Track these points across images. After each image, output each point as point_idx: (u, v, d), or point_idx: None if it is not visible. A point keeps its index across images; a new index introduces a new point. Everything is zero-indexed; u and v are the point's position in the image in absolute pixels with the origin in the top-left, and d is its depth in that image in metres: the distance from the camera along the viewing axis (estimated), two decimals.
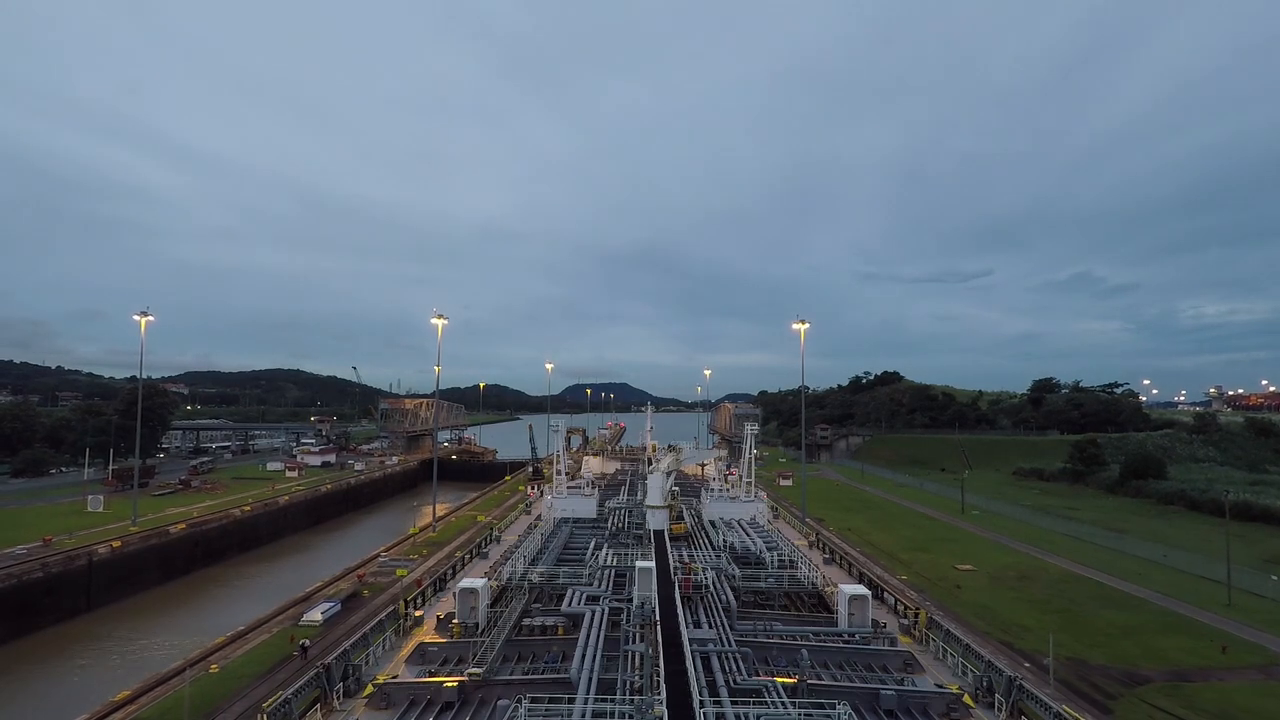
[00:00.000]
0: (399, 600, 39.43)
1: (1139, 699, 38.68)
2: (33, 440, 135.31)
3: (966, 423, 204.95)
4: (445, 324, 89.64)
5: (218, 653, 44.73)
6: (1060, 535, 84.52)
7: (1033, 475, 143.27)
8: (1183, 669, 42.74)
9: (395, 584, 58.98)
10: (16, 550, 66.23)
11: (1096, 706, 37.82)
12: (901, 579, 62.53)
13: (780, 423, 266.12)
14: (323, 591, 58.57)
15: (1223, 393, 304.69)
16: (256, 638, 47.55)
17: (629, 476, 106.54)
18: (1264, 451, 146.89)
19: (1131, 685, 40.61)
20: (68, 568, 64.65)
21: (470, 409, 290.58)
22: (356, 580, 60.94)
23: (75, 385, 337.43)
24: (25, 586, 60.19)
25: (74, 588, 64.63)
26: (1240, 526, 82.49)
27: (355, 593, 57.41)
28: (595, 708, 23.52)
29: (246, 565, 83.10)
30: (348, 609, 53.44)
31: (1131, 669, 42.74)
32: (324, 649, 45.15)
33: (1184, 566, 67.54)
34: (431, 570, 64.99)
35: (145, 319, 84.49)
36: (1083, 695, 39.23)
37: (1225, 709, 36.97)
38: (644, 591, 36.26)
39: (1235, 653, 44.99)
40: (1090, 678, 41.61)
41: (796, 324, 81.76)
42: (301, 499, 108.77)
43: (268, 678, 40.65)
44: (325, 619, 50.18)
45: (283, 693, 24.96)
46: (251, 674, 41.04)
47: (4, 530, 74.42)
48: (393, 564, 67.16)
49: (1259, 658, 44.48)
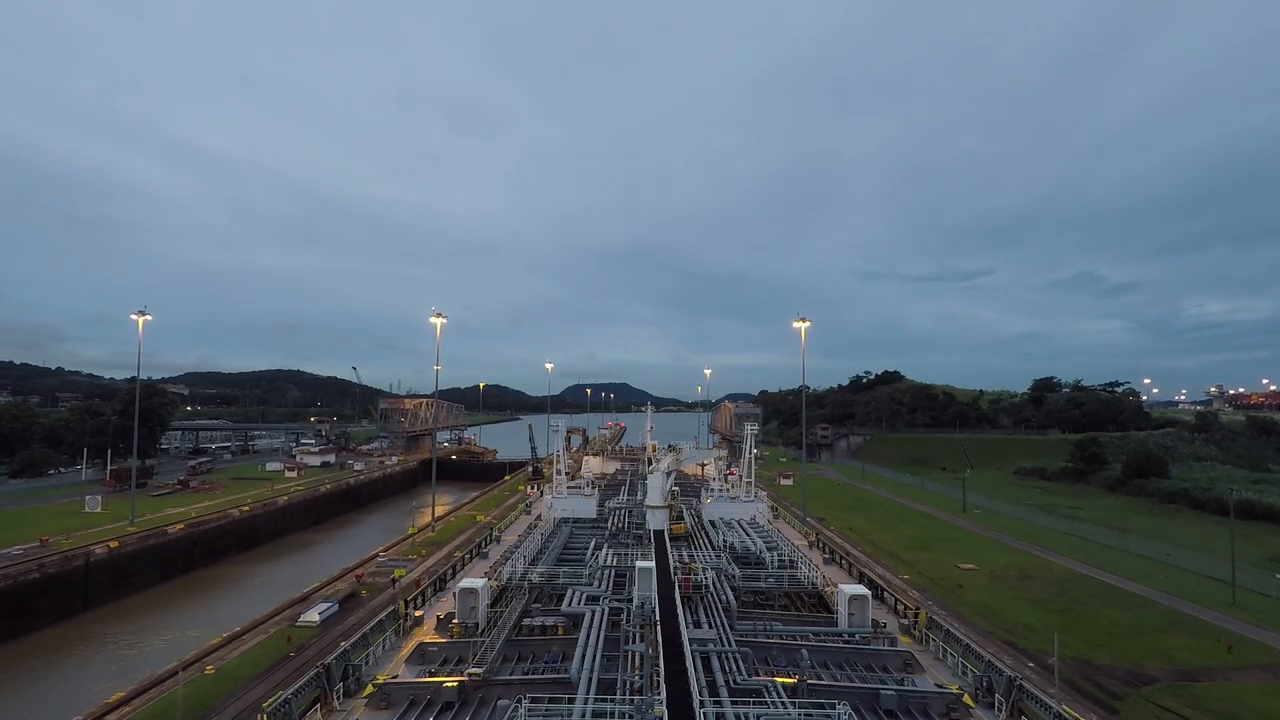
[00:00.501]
0: (399, 600, 39.11)
1: (1145, 699, 38.25)
2: (31, 441, 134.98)
3: (967, 422, 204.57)
4: (444, 322, 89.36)
5: (213, 654, 44.32)
6: (1062, 534, 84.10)
7: (1034, 474, 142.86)
8: (1188, 668, 42.31)
9: (393, 584, 58.56)
10: (13, 551, 65.82)
11: (1102, 706, 37.41)
12: (904, 578, 62.13)
13: (781, 422, 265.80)
14: (320, 592, 58.17)
15: (1223, 392, 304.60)
16: (253, 639, 47.14)
17: (629, 476, 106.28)
18: (1266, 450, 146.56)
19: (1137, 685, 40.19)
20: (64, 568, 64.24)
21: (470, 409, 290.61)
22: (354, 581, 60.55)
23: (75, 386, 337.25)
24: (21, 588, 59.76)
25: (70, 589, 64.19)
26: (1243, 525, 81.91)
27: (353, 593, 57.02)
28: (595, 708, 23.48)
29: (245, 565, 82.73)
30: (345, 609, 53.05)
31: (1136, 668, 42.32)
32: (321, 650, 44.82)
33: (1187, 565, 67.13)
34: (430, 570, 64.60)
35: (143, 318, 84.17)
36: (1088, 695, 38.81)
37: (1232, 709, 36.55)
38: (644, 591, 36.18)
39: (1241, 652, 44.56)
40: (1095, 677, 41.19)
41: (797, 322, 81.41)
42: (300, 499, 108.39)
43: (264, 679, 40.25)
44: (323, 620, 49.78)
45: (282, 693, 24.83)
46: (247, 675, 40.64)
47: (2, 530, 74.03)
48: (391, 564, 66.75)
49: (1265, 657, 44.04)
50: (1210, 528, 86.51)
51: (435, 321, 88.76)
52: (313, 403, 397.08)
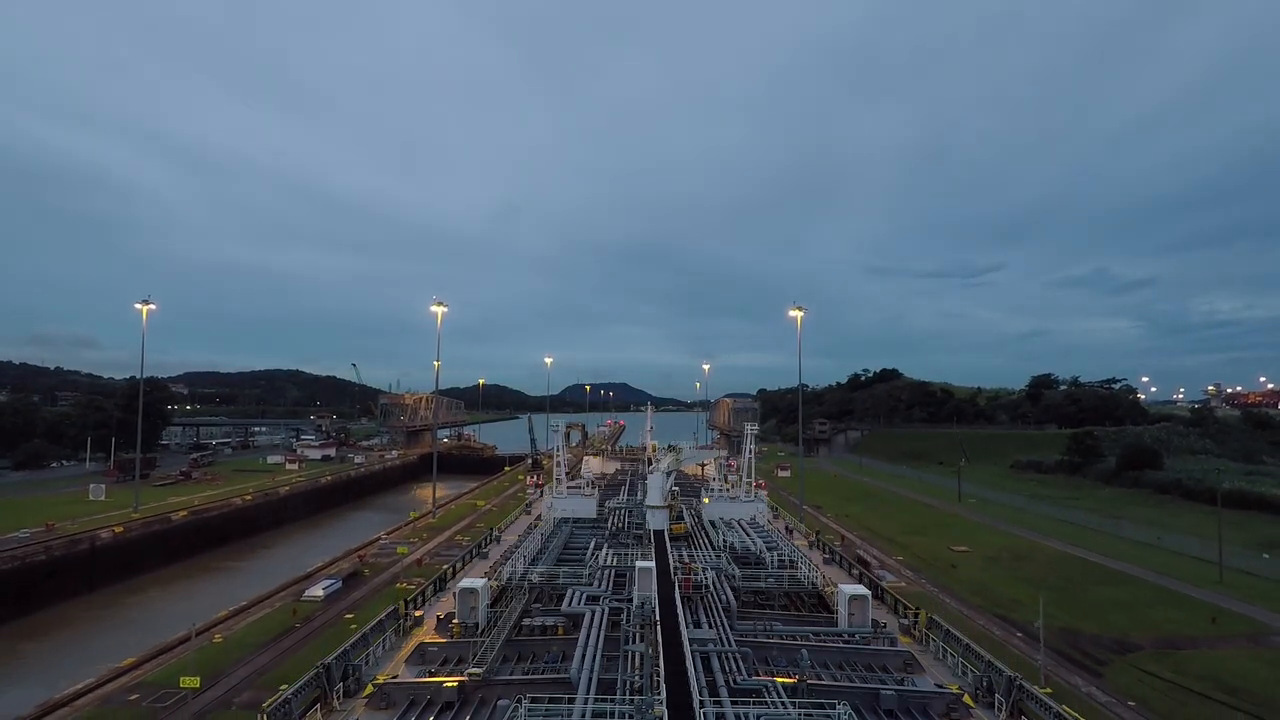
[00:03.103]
0: (399, 600, 39.40)
1: (1129, 664, 39.33)
2: (33, 435, 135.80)
3: (965, 418, 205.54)
4: (445, 311, 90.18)
5: (221, 625, 45.31)
6: (1056, 521, 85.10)
7: (1030, 468, 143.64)
8: (1173, 638, 43.41)
9: (396, 563, 59.53)
10: (19, 534, 66.76)
11: (1087, 671, 38.49)
12: (898, 559, 63.16)
13: (779, 420, 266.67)
14: (325, 570, 59.10)
15: (1221, 390, 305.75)
16: (259, 611, 48.14)
17: (629, 476, 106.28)
18: (1260, 444, 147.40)
19: (1122, 652, 41.28)
20: (70, 551, 65.14)
21: (470, 408, 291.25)
22: (357, 560, 61.49)
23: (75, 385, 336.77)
24: (28, 569, 60.65)
25: (77, 571, 65.09)
26: (1236, 514, 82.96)
27: (356, 572, 57.97)
28: (595, 708, 23.35)
29: (248, 550, 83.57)
30: (349, 586, 54.04)
31: (1122, 638, 43.42)
32: (326, 622, 45.80)
33: (1178, 549, 68.14)
34: (432, 552, 65.65)
35: (147, 307, 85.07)
36: (1074, 661, 39.88)
37: (1214, 673, 37.61)
38: (644, 591, 36.14)
39: (1225, 623, 45.64)
40: (1082, 646, 42.26)
41: (794, 310, 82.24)
42: (302, 490, 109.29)
43: (271, 646, 41.29)
44: (327, 595, 50.77)
45: (282, 693, 24.62)
46: (254, 644, 41.64)
47: (7, 517, 74.86)
48: (394, 545, 67.75)
49: (1248, 628, 45.11)
50: (1202, 517, 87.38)
51: (436, 310, 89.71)
52: (312, 402, 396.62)
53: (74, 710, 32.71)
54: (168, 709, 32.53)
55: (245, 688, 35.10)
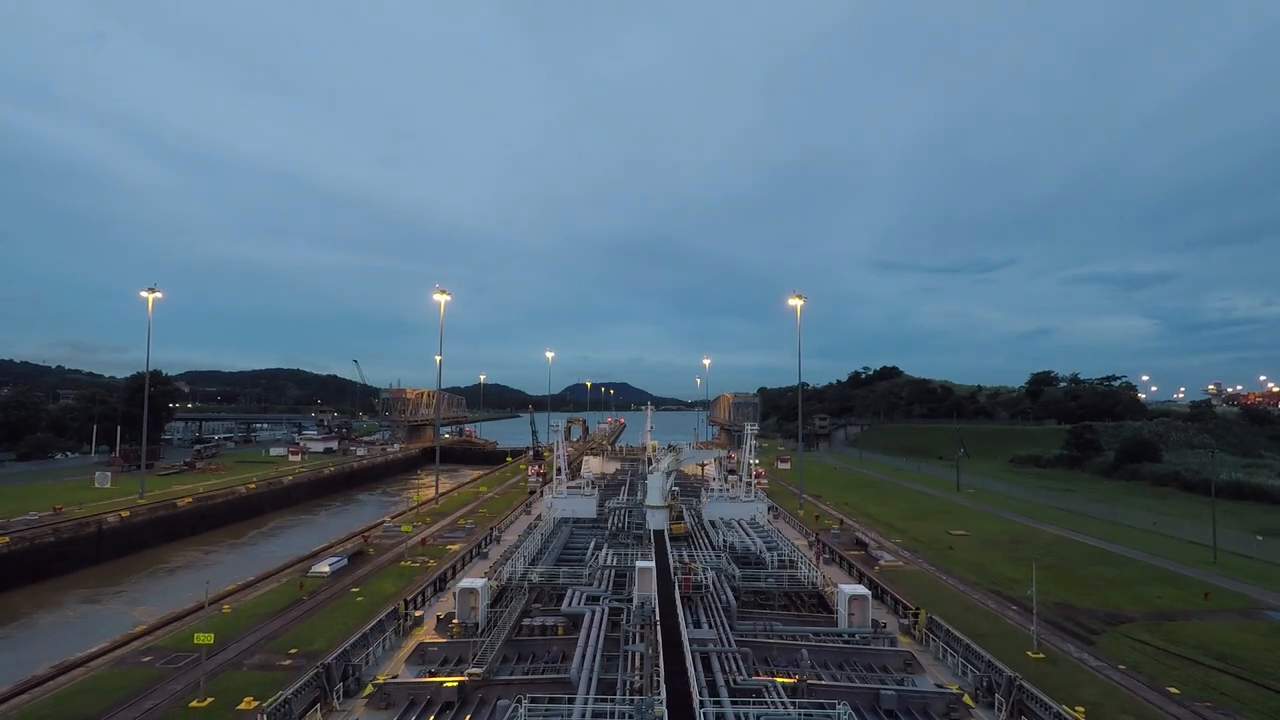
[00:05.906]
0: (399, 600, 39.80)
1: (1122, 635, 40.03)
2: (37, 428, 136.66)
3: (964, 414, 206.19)
4: (448, 299, 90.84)
5: (229, 597, 46.10)
6: (1055, 509, 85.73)
7: (1029, 462, 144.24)
8: (1165, 611, 44.09)
9: (400, 543, 60.24)
10: (28, 517, 67.59)
11: (1080, 640, 39.22)
12: (896, 541, 63.87)
13: (780, 417, 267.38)
14: (331, 549, 59.91)
15: (1221, 390, 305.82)
16: (266, 586, 48.93)
17: (629, 476, 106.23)
18: (1258, 438, 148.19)
19: (1115, 624, 41.98)
20: (79, 533, 66.02)
21: (471, 406, 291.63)
22: (362, 541, 62.30)
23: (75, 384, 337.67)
24: (37, 549, 61.51)
25: (84, 552, 65.94)
26: (1233, 504, 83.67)
27: (360, 551, 58.76)
28: (595, 708, 23.29)
29: (252, 535, 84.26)
30: (354, 564, 54.81)
31: (1115, 611, 44.14)
32: (331, 595, 46.58)
33: (1173, 533, 68.81)
34: (436, 534, 66.43)
35: (153, 295, 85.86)
36: (1068, 632, 40.61)
37: (1204, 643, 38.29)
38: (644, 591, 36.12)
39: (1218, 599, 46.32)
40: (1076, 619, 42.97)
41: (793, 298, 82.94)
42: (305, 479, 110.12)
43: (279, 616, 42.07)
44: (332, 571, 51.57)
45: (282, 693, 24.71)
46: (262, 614, 42.44)
47: (15, 502, 75.67)
48: (397, 526, 68.53)
49: (1240, 603, 45.79)
50: (1200, 508, 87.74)
51: (439, 299, 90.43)
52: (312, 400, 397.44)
53: (88, 670, 33.49)
54: (180, 669, 33.29)
55: (255, 651, 35.92)
